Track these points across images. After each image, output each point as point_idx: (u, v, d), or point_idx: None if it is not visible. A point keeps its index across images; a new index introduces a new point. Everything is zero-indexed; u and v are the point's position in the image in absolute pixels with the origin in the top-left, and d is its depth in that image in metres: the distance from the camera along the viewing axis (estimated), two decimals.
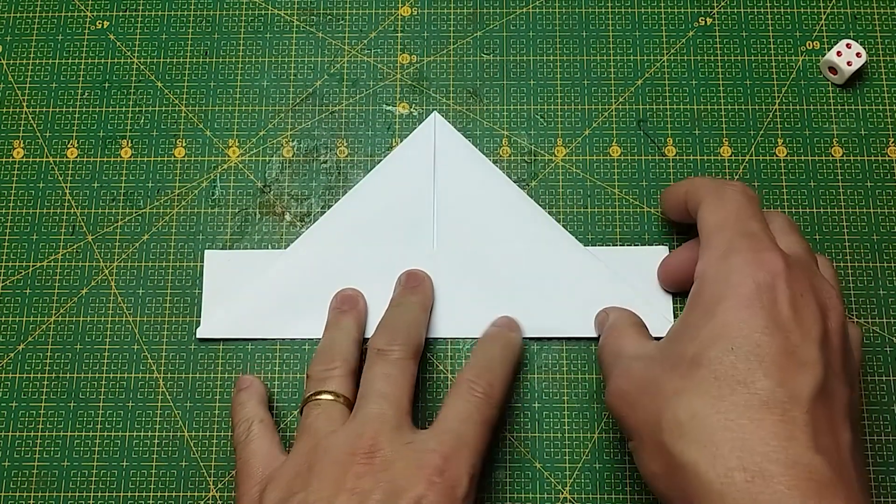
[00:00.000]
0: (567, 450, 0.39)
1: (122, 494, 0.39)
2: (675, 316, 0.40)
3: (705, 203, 0.35)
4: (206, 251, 0.42)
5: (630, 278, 0.41)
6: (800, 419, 0.28)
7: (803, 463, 0.27)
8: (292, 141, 0.44)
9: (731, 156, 0.43)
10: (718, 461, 0.28)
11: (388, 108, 0.44)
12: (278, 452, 0.36)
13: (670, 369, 0.31)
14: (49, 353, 0.41)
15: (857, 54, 0.43)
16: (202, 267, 0.42)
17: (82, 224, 0.43)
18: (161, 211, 0.43)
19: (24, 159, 0.43)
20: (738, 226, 0.33)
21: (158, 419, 0.40)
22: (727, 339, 0.30)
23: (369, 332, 0.40)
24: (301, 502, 0.31)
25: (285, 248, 0.42)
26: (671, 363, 0.31)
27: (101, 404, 0.40)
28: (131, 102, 0.44)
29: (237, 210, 0.43)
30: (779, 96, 0.44)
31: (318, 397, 0.35)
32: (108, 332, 0.41)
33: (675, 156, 0.43)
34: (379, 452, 0.32)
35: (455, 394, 0.35)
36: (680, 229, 0.42)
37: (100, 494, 0.39)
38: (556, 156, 0.43)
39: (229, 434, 0.40)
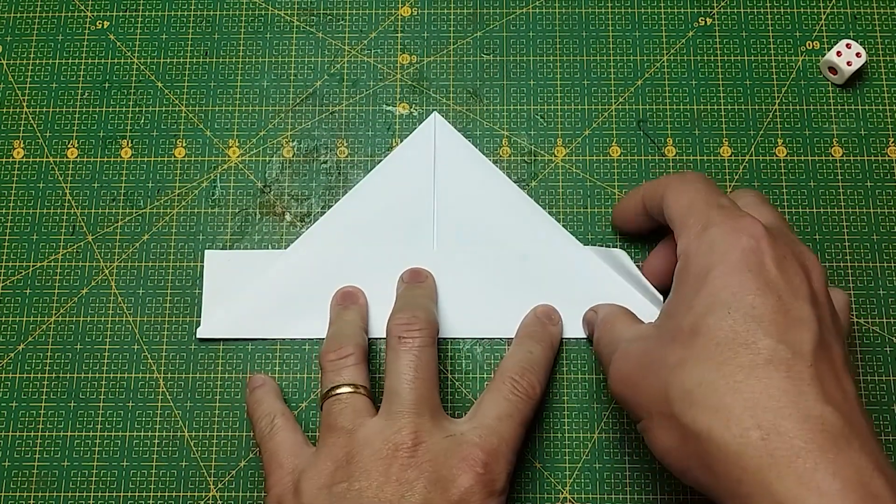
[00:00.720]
0: (567, 450, 0.39)
1: (122, 494, 0.39)
2: None
3: (669, 192, 0.35)
4: (206, 251, 0.42)
5: (629, 278, 0.41)
6: (806, 373, 0.28)
7: (815, 415, 0.27)
8: (292, 141, 0.44)
9: (731, 156, 0.43)
10: (732, 423, 0.28)
11: (388, 108, 0.44)
12: (304, 444, 0.36)
13: (670, 343, 0.31)
14: (49, 353, 0.41)
15: (857, 54, 0.43)
16: (202, 267, 0.42)
17: (82, 224, 0.43)
18: (161, 211, 0.43)
19: (24, 159, 0.43)
20: (709, 201, 0.33)
21: (158, 419, 0.40)
22: (722, 304, 0.30)
23: (371, 331, 0.40)
24: (346, 491, 0.32)
25: (285, 248, 0.42)
26: (670, 337, 0.31)
27: (101, 404, 0.40)
28: (131, 102, 0.44)
29: (237, 210, 0.43)
30: (779, 96, 0.44)
31: (338, 391, 0.35)
32: (108, 332, 0.41)
33: (675, 156, 0.43)
34: (421, 445, 0.33)
35: (496, 389, 0.36)
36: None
37: (100, 494, 0.39)
38: (556, 156, 0.43)
39: (229, 434, 0.40)
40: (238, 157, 0.43)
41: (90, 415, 0.40)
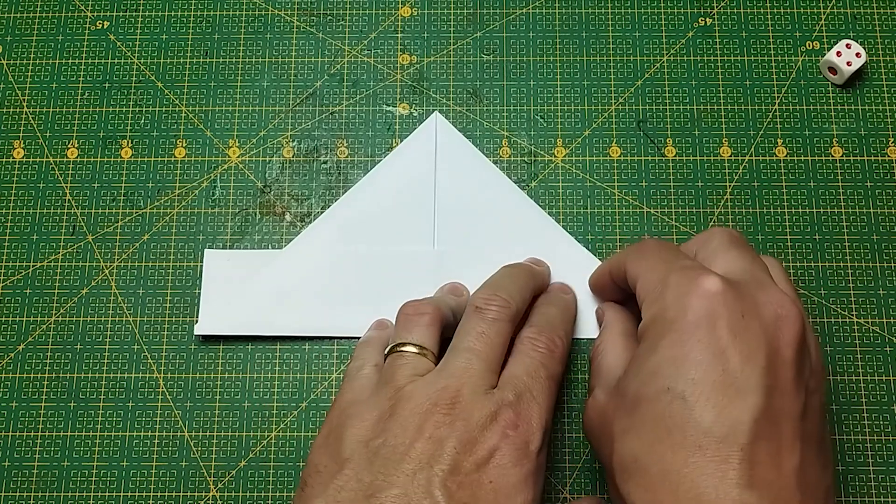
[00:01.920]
0: (567, 450, 0.39)
1: (122, 494, 0.39)
2: None
3: (629, 263, 0.35)
4: (205, 250, 0.42)
5: None
6: (734, 456, 0.28)
7: (731, 498, 0.27)
8: (292, 141, 0.44)
9: (730, 156, 0.43)
10: None
11: (389, 108, 0.44)
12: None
13: (618, 407, 0.31)
14: (49, 353, 0.41)
15: (857, 54, 0.43)
16: (202, 267, 0.42)
17: (82, 224, 0.43)
18: (161, 211, 0.43)
19: (24, 159, 0.44)
20: (667, 265, 0.33)
21: (158, 419, 0.40)
22: (663, 377, 0.30)
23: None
24: (380, 447, 0.32)
25: (285, 247, 0.42)
26: (619, 401, 0.32)
27: (101, 404, 0.40)
28: (131, 102, 0.44)
29: (237, 210, 0.43)
30: (779, 96, 0.44)
31: (403, 349, 0.35)
32: (108, 332, 0.41)
33: (675, 156, 0.43)
34: (458, 404, 0.32)
35: (519, 352, 0.35)
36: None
37: (100, 494, 0.39)
38: (556, 156, 0.43)
39: (229, 434, 0.40)
40: (238, 157, 0.43)
41: (90, 415, 0.40)
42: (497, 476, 0.31)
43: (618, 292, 0.38)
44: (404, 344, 0.35)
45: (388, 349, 0.36)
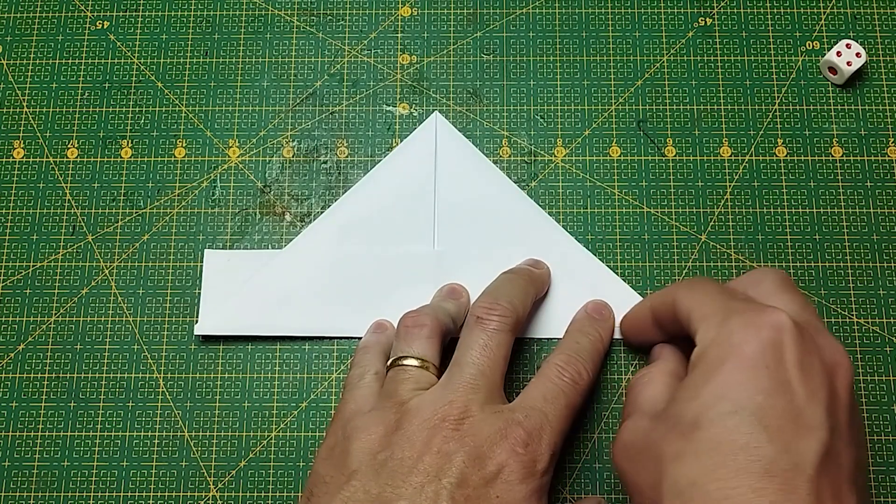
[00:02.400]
0: (567, 450, 0.39)
1: (122, 494, 0.39)
2: None
3: (681, 296, 0.34)
4: (205, 251, 0.42)
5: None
6: (802, 488, 0.27)
7: None
8: (292, 141, 0.44)
9: (730, 156, 0.43)
10: None
11: (389, 108, 0.44)
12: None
13: (671, 430, 0.30)
14: (49, 353, 0.41)
15: (857, 54, 0.43)
16: (202, 267, 0.42)
17: (82, 224, 0.43)
18: (161, 211, 0.43)
19: (24, 159, 0.44)
20: (727, 297, 0.32)
21: (158, 419, 0.40)
22: (729, 400, 0.29)
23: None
24: (387, 459, 0.32)
25: (285, 247, 0.42)
26: (671, 424, 0.31)
27: (101, 404, 0.40)
28: (131, 102, 0.44)
29: (237, 210, 0.43)
30: (779, 96, 0.44)
31: (405, 363, 0.35)
32: (108, 332, 0.41)
33: (675, 156, 0.43)
34: (468, 419, 0.33)
35: (543, 375, 0.36)
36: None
37: (100, 494, 0.39)
38: (556, 156, 0.43)
39: (229, 434, 0.40)
40: (238, 157, 0.43)
41: (90, 415, 0.40)
42: (503, 491, 0.32)
43: (654, 334, 0.38)
44: (406, 357, 0.36)
45: (389, 362, 0.36)
